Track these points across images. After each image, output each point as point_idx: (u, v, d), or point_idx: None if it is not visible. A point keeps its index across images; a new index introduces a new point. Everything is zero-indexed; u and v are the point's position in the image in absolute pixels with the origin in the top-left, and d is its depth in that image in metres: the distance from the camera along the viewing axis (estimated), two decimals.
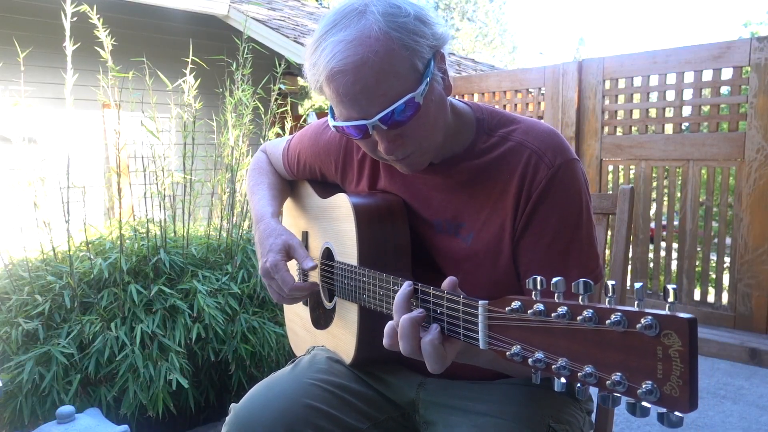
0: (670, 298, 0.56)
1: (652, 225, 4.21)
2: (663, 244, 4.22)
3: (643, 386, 0.56)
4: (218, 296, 2.46)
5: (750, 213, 3.64)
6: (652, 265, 4.18)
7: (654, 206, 4.29)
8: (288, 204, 1.51)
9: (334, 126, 1.02)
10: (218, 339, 2.43)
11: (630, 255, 2.98)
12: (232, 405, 1.14)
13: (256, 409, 1.10)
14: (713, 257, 4.06)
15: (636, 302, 0.59)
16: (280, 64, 3.06)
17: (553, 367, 0.65)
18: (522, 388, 1.12)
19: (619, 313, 0.58)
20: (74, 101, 2.32)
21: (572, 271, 1.01)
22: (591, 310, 0.61)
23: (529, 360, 0.68)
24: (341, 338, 1.21)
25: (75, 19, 2.28)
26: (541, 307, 0.67)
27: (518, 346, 0.70)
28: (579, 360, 0.63)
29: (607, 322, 0.59)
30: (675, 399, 0.54)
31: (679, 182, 3.97)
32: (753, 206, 3.63)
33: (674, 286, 0.57)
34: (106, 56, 2.37)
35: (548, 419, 1.05)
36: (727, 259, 3.87)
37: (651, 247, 4.19)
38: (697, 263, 3.93)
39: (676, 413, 0.55)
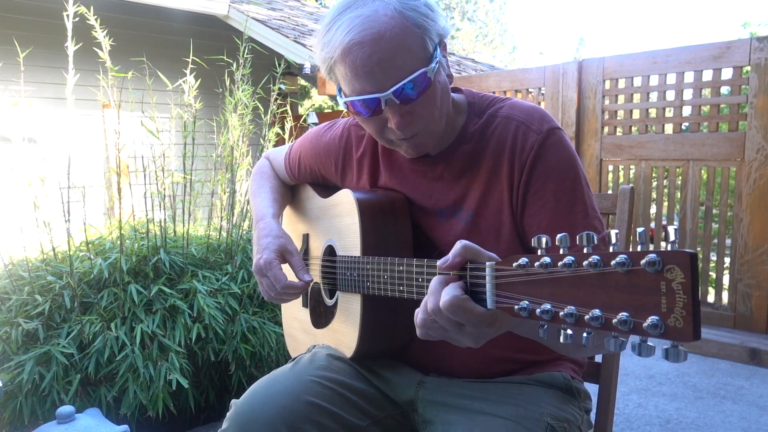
0: (671, 238, 0.58)
1: (652, 225, 4.21)
2: (663, 244, 4.21)
3: (648, 321, 0.57)
4: (218, 296, 2.46)
5: (750, 213, 3.64)
6: (643, 227, 4.16)
7: (654, 206, 4.29)
8: (287, 210, 1.53)
9: (344, 102, 1.04)
10: (218, 339, 2.43)
11: None
12: (233, 401, 1.14)
13: (256, 405, 1.10)
14: (713, 257, 4.06)
15: (639, 246, 0.60)
16: (280, 64, 3.06)
17: (560, 314, 0.66)
18: (521, 386, 1.12)
19: (624, 255, 0.60)
20: (74, 101, 2.32)
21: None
22: (596, 256, 0.63)
23: (537, 311, 0.69)
24: (343, 332, 1.22)
25: (77, 19, 2.28)
26: (547, 259, 0.68)
27: (526, 301, 0.71)
28: (585, 305, 0.64)
29: (612, 263, 0.61)
30: (679, 330, 0.56)
31: (679, 182, 3.97)
32: (753, 206, 3.63)
33: (675, 227, 0.59)
34: (105, 56, 2.37)
35: (547, 417, 1.05)
36: (727, 259, 3.86)
37: (651, 247, 4.17)
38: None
39: (681, 346, 0.56)
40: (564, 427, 1.06)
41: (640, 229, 0.60)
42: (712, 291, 4.03)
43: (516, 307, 0.72)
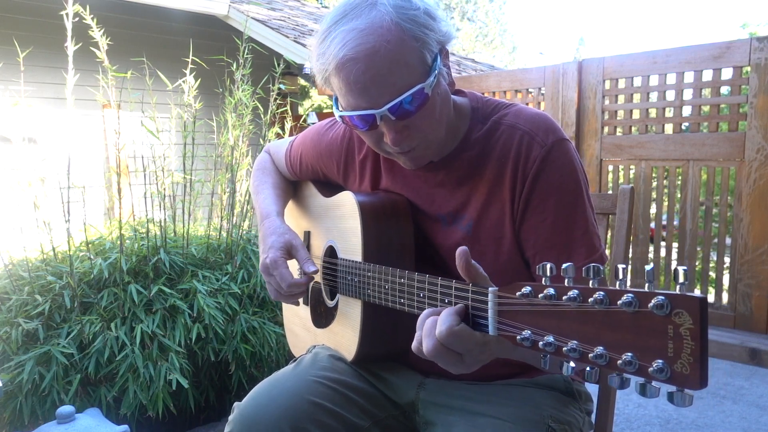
0: (681, 279, 0.56)
1: (652, 225, 4.21)
2: (663, 244, 4.21)
3: (654, 365, 0.56)
4: (218, 296, 2.46)
5: (750, 213, 3.64)
6: (652, 265, 4.17)
7: (654, 206, 4.29)
8: (289, 205, 1.51)
9: (340, 116, 1.02)
10: (218, 339, 2.43)
11: (630, 255, 2.98)
12: (236, 404, 1.14)
13: (260, 406, 1.10)
14: (713, 257, 4.07)
15: (646, 284, 0.59)
16: (279, 64, 3.06)
17: (563, 349, 0.65)
18: (521, 388, 1.12)
19: (631, 294, 0.59)
20: (74, 101, 2.32)
21: (579, 250, 1.01)
22: (602, 292, 0.62)
23: (540, 344, 0.68)
24: (343, 335, 1.22)
25: (76, 19, 2.28)
26: (551, 291, 0.67)
27: (528, 331, 0.70)
28: (590, 342, 0.63)
29: (619, 302, 0.60)
30: (685, 376, 0.55)
31: (679, 182, 3.97)
32: (753, 206, 3.63)
33: (684, 268, 0.57)
34: (102, 56, 2.37)
35: (547, 419, 1.05)
36: (727, 259, 3.86)
37: (651, 247, 4.19)
38: (697, 263, 3.93)
39: (687, 391, 0.55)
40: (565, 429, 1.06)
41: (648, 267, 0.58)
42: (712, 291, 4.03)
43: (518, 337, 0.71)
